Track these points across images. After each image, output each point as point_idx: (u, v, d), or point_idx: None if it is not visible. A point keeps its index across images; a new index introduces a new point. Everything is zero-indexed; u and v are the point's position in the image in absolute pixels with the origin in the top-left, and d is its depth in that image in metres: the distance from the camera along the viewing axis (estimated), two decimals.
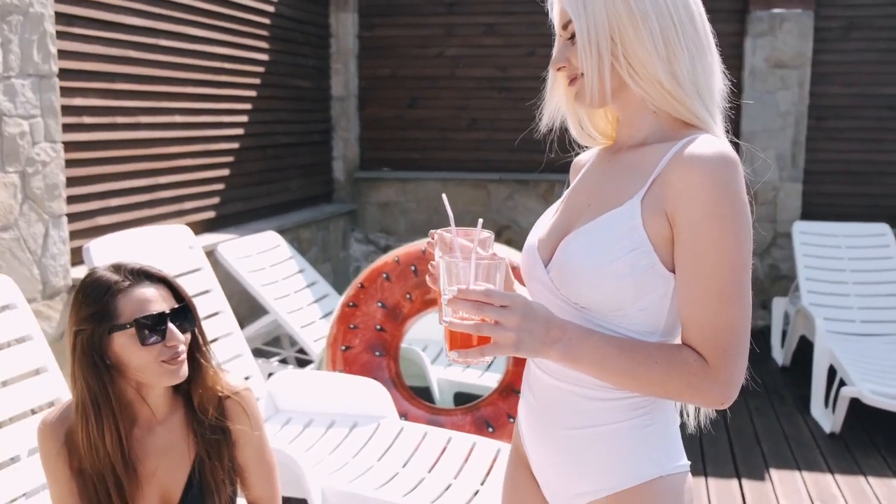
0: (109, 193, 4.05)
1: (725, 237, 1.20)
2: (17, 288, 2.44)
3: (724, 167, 1.21)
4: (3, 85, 3.21)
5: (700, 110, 1.29)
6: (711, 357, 1.22)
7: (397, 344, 3.81)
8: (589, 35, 1.27)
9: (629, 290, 1.25)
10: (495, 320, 1.15)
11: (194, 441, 1.78)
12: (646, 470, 1.33)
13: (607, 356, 1.22)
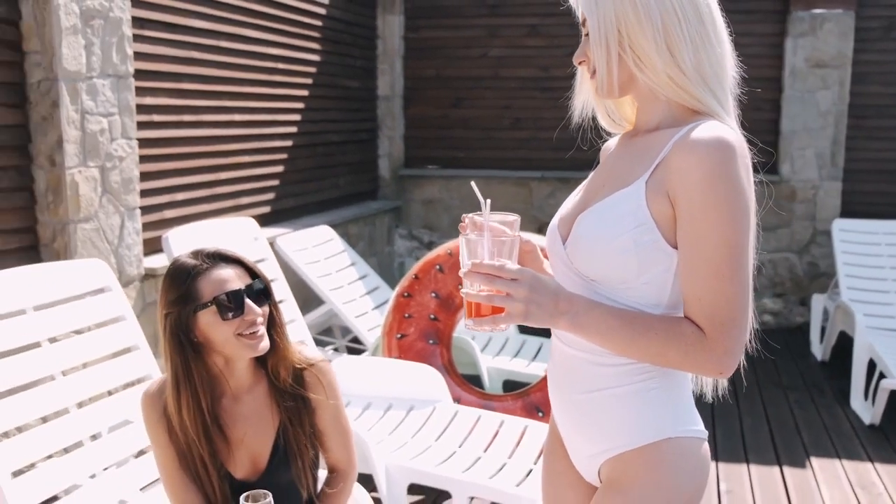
0: (175, 188, 4.26)
1: (721, 217, 1.28)
2: (111, 271, 2.64)
3: (720, 151, 1.29)
4: (86, 85, 3.42)
5: (706, 98, 1.37)
6: (709, 329, 1.30)
7: (450, 333, 3.97)
8: (599, 30, 1.36)
9: (633, 264, 1.35)
10: (506, 292, 1.28)
11: (277, 409, 1.95)
12: (651, 431, 1.41)
13: (611, 327, 1.32)
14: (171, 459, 1.90)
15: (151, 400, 1.92)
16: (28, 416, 2.23)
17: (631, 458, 1.43)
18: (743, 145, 1.33)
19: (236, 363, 1.91)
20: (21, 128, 3.33)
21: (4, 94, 3.25)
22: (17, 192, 3.34)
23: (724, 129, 1.33)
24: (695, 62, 1.35)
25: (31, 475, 2.17)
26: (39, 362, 2.33)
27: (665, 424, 1.42)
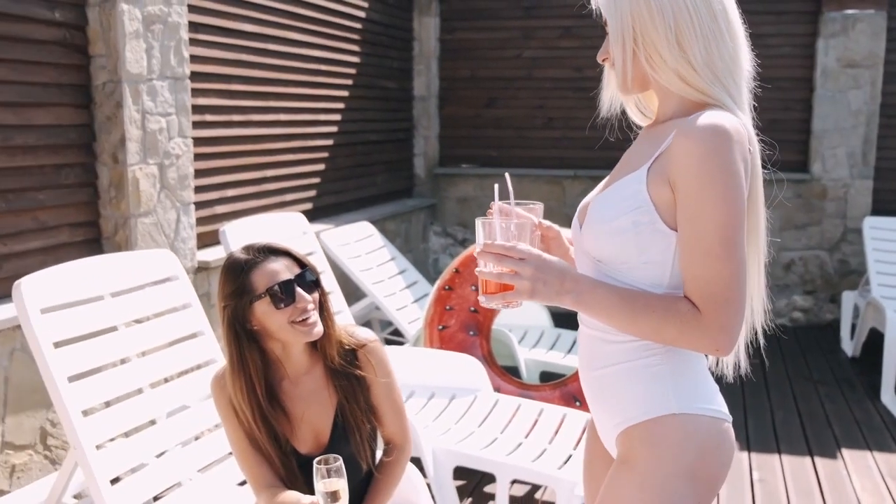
0: (225, 185, 4.44)
1: (714, 199, 1.34)
2: (178, 261, 2.81)
3: (715, 136, 1.35)
4: (147, 86, 3.61)
5: (716, 91, 1.43)
6: (703, 307, 1.37)
7: (489, 325, 4.12)
8: (616, 28, 1.45)
9: (632, 244, 1.43)
10: (514, 270, 1.38)
11: (334, 388, 2.10)
12: (655, 406, 1.46)
13: (612, 305, 1.40)
14: (241, 437, 2.05)
15: (219, 384, 2.07)
16: (107, 394, 2.41)
17: (636, 433, 1.48)
18: (741, 133, 1.38)
19: (292, 348, 2.05)
20: (86, 127, 3.52)
21: (72, 96, 3.44)
22: (82, 187, 3.53)
23: (724, 117, 1.38)
24: (706, 57, 1.41)
25: (110, 448, 2.34)
26: (117, 345, 2.51)
27: (668, 400, 1.46)
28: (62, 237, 3.43)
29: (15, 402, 3.08)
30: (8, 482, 3.07)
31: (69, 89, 3.43)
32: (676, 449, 1.44)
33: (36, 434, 3.19)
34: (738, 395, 4.82)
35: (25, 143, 3.22)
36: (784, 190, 6.41)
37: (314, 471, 1.76)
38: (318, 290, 2.05)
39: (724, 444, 1.49)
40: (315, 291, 2.04)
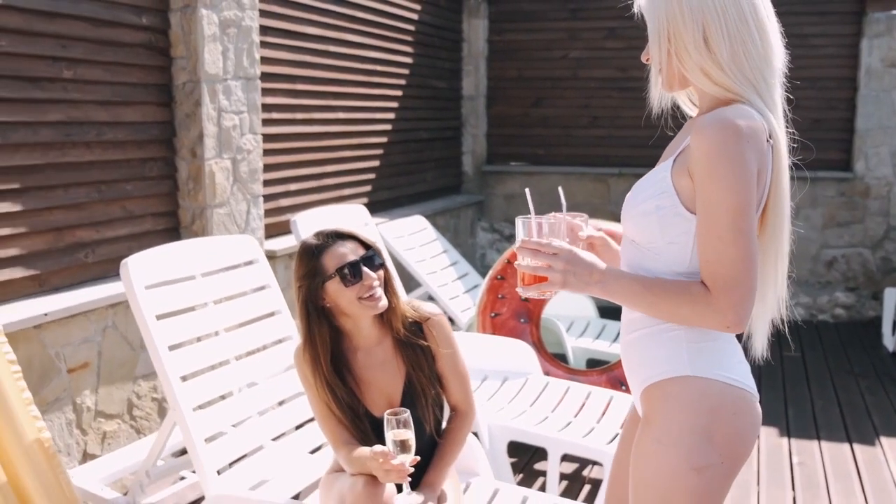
0: (288, 179, 4.70)
1: (721, 188, 1.46)
2: (258, 245, 3.06)
3: (724, 131, 1.46)
4: (222, 86, 3.88)
5: (743, 89, 1.53)
6: (713, 288, 1.49)
7: (539, 313, 4.32)
8: (653, 29, 1.57)
9: (655, 225, 1.57)
10: (548, 263, 1.56)
11: (402, 358, 2.33)
12: (673, 367, 1.59)
13: (634, 292, 1.55)
14: (319, 402, 2.28)
15: (299, 355, 2.31)
16: (198, 364, 2.66)
17: (654, 391, 1.61)
18: (755, 129, 1.48)
19: (362, 322, 2.28)
20: (167, 124, 3.80)
21: (155, 95, 3.72)
22: (163, 180, 3.81)
23: (739, 113, 1.49)
24: (733, 57, 1.52)
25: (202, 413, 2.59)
26: (206, 320, 2.76)
27: (683, 363, 1.58)
28: (146, 225, 3.71)
29: (106, 375, 3.37)
30: (100, 448, 3.36)
31: (153, 89, 3.71)
32: (689, 408, 1.56)
33: (124, 405, 3.48)
34: (778, 387, 4.96)
35: (115, 138, 3.50)
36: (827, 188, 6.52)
37: (385, 422, 1.99)
38: (382, 269, 2.28)
39: (743, 412, 1.59)
40: (380, 270, 2.27)
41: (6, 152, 3.04)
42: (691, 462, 1.54)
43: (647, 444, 1.59)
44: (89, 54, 3.33)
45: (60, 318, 3.12)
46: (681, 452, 1.55)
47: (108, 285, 3.41)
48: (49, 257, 3.25)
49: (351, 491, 2.11)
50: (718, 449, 1.55)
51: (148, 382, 3.60)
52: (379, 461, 1.97)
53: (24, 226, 3.12)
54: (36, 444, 2.41)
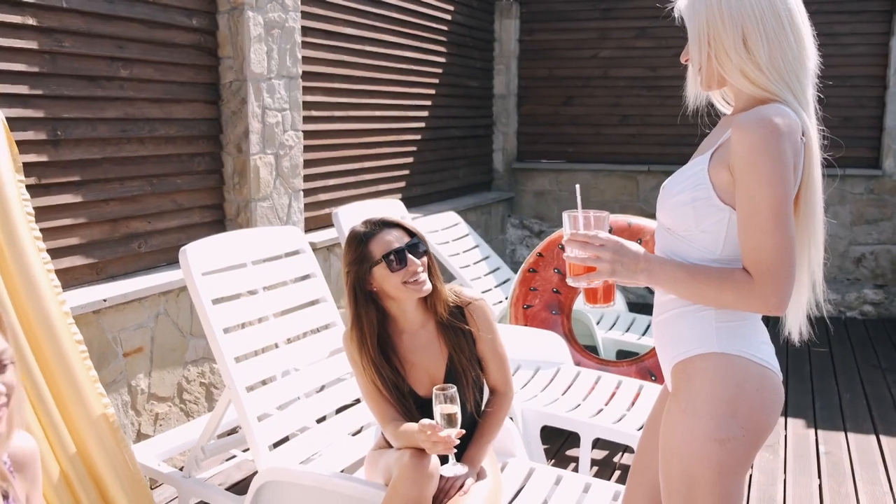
0: (327, 174, 4.86)
1: (762, 183, 1.56)
2: (304, 236, 3.21)
3: (764, 129, 1.56)
4: (266, 84, 4.04)
5: (779, 89, 1.63)
6: (755, 274, 1.59)
7: (570, 305, 4.44)
8: (694, 33, 1.67)
9: (690, 214, 1.68)
10: (596, 255, 1.67)
11: (444, 340, 2.46)
12: (698, 344, 1.70)
13: (679, 279, 1.65)
14: (367, 381, 2.43)
15: (347, 338, 2.45)
16: (250, 346, 2.81)
17: (683, 367, 1.72)
18: (792, 126, 1.59)
19: (406, 305, 2.42)
20: (214, 121, 3.97)
21: (203, 93, 3.89)
22: (210, 174, 3.98)
23: (776, 112, 1.59)
24: (770, 58, 1.63)
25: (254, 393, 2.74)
26: (257, 305, 2.92)
27: (711, 340, 1.69)
28: (194, 218, 3.88)
29: (159, 360, 3.54)
30: (152, 429, 3.53)
31: (201, 87, 3.87)
32: (715, 382, 1.66)
33: (174, 388, 3.65)
34: (806, 380, 5.04)
35: (167, 134, 3.67)
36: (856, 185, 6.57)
37: (434, 396, 2.12)
38: (426, 256, 2.42)
39: (766, 389, 1.68)
40: (423, 256, 2.40)
41: (68, 147, 3.21)
42: (715, 433, 1.65)
43: (675, 415, 1.71)
44: (143, 54, 3.50)
45: (117, 305, 3.29)
46: (705, 423, 1.65)
47: (160, 274, 3.58)
48: (106, 247, 3.42)
49: (398, 463, 2.25)
50: (741, 422, 1.65)
51: (196, 368, 3.77)
52: (427, 433, 2.10)
53: (83, 216, 3.30)
54: (102, 419, 2.57)
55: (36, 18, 3.03)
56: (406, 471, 2.20)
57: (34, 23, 3.02)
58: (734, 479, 1.67)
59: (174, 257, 3.77)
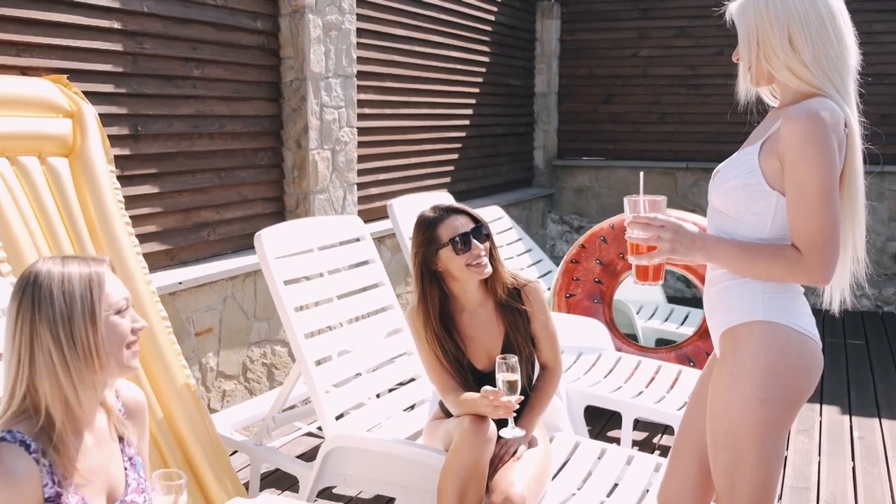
0: (378, 169, 5.09)
1: (810, 170, 1.74)
2: (363, 225, 3.44)
3: (811, 121, 1.74)
4: (324, 83, 4.28)
5: (823, 84, 1.81)
6: (805, 250, 1.77)
7: (611, 294, 4.62)
8: (744, 34, 1.86)
9: (742, 199, 1.85)
10: (657, 235, 1.86)
11: (502, 319, 2.67)
12: (744, 314, 1.87)
13: (733, 255, 1.84)
14: (429, 353, 2.64)
15: (412, 314, 2.67)
16: (316, 325, 3.04)
17: (730, 334, 1.89)
18: (836, 117, 1.76)
19: (468, 286, 2.63)
20: (276, 118, 4.21)
21: (266, 91, 4.14)
22: (271, 168, 4.22)
23: (822, 106, 1.76)
24: (814, 56, 1.81)
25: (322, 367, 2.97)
26: (323, 288, 3.15)
27: (756, 309, 1.86)
28: (257, 209, 4.13)
29: (226, 340, 3.79)
30: (220, 404, 3.78)
31: (265, 86, 4.13)
32: (759, 348, 1.84)
33: (239, 367, 3.90)
34: (842, 371, 5.16)
35: (234, 130, 3.92)
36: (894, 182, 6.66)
37: (497, 365, 2.33)
38: (488, 240, 2.63)
39: (806, 355, 1.85)
40: (486, 241, 2.61)
41: (147, 141, 3.48)
42: (757, 393, 1.83)
43: (722, 377, 1.90)
44: (214, 55, 3.76)
45: (190, 288, 3.55)
46: (749, 384, 1.84)
47: (227, 261, 3.83)
48: (179, 234, 3.68)
49: (458, 428, 2.46)
50: (782, 383, 1.84)
51: (259, 349, 4.02)
52: (490, 398, 2.32)
53: (159, 206, 3.56)
54: (185, 389, 2.82)
55: (121, 22, 3.29)
56: (466, 435, 2.41)
57: (119, 26, 3.29)
58: (775, 437, 1.86)
59: (239, 245, 4.02)
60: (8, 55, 2.87)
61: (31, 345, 1.54)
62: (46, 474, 1.52)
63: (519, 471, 2.44)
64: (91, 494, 1.59)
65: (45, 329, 1.53)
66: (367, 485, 2.86)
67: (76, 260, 1.60)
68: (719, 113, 6.66)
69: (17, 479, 1.47)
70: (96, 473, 1.62)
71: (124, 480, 1.68)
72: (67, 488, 1.54)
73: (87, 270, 1.58)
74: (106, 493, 1.64)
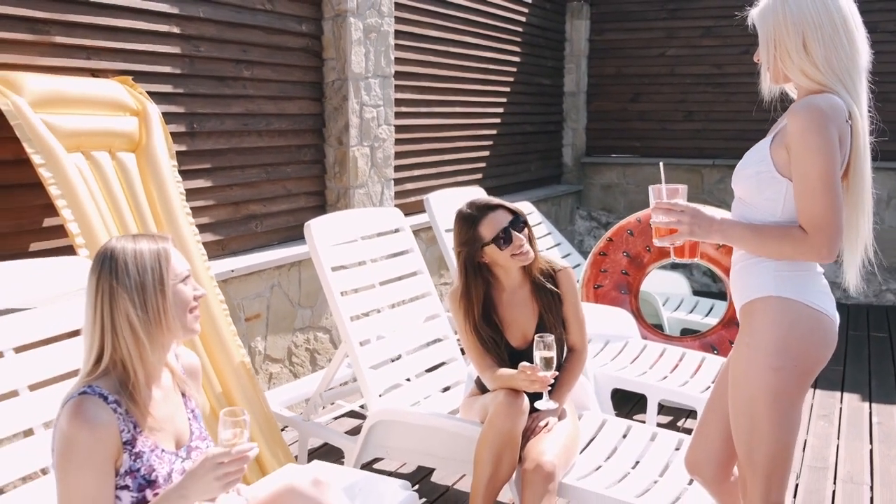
0: (413, 166, 5.31)
1: (811, 157, 1.91)
2: (403, 216, 3.66)
3: (811, 113, 1.92)
4: (364, 83, 4.50)
5: (830, 82, 1.99)
6: (809, 229, 1.95)
7: (638, 286, 4.81)
8: (763, 37, 2.06)
9: (755, 186, 2.04)
10: (677, 219, 2.07)
11: (537, 300, 2.87)
12: (759, 290, 2.05)
13: (746, 236, 2.03)
14: (471, 336, 2.85)
15: (454, 297, 2.88)
16: (360, 308, 3.27)
17: (747, 309, 2.08)
18: (836, 110, 1.94)
19: (511, 271, 2.84)
20: (318, 116, 4.45)
21: (309, 91, 4.37)
22: (314, 164, 4.46)
23: (824, 99, 1.94)
24: (825, 59, 1.99)
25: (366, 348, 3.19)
26: (365, 275, 3.37)
27: (769, 286, 2.04)
28: (300, 202, 4.37)
29: (273, 326, 4.03)
30: (266, 386, 4.02)
31: (308, 86, 4.36)
32: (772, 321, 2.02)
33: (285, 351, 4.14)
34: (864, 361, 5.30)
35: (280, 127, 4.16)
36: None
37: (535, 343, 2.54)
38: (526, 227, 2.83)
39: (819, 330, 2.02)
40: (524, 229, 2.82)
41: (201, 138, 3.72)
42: (771, 362, 2.02)
43: (741, 348, 2.10)
44: (262, 57, 4.00)
45: (241, 276, 3.79)
46: (763, 355, 2.03)
47: (274, 251, 4.07)
48: (229, 226, 3.92)
49: (493, 401, 2.67)
50: (793, 354, 2.02)
51: (303, 335, 4.25)
52: (527, 373, 2.53)
53: (212, 199, 3.80)
54: (241, 366, 3.06)
55: (179, 27, 3.54)
56: (501, 407, 2.62)
57: (178, 31, 3.53)
58: (789, 403, 2.04)
59: (284, 237, 4.26)
60: (79, 58, 3.12)
61: (111, 311, 1.76)
62: (123, 422, 1.74)
63: (550, 441, 2.65)
64: (162, 439, 1.82)
65: (123, 297, 1.75)
66: (408, 456, 3.07)
67: (145, 237, 1.83)
68: (744, 111, 6.80)
69: (97, 425, 1.69)
70: (165, 422, 1.85)
71: (189, 429, 1.91)
72: (141, 433, 1.77)
73: (155, 246, 1.81)
74: (174, 439, 1.87)
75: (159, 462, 1.79)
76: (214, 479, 1.71)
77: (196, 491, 1.73)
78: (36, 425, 2.05)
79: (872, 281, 6.87)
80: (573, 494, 2.68)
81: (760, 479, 2.08)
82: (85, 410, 1.70)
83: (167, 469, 1.81)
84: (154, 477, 1.78)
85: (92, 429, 1.69)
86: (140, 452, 1.76)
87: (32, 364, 2.09)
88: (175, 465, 1.83)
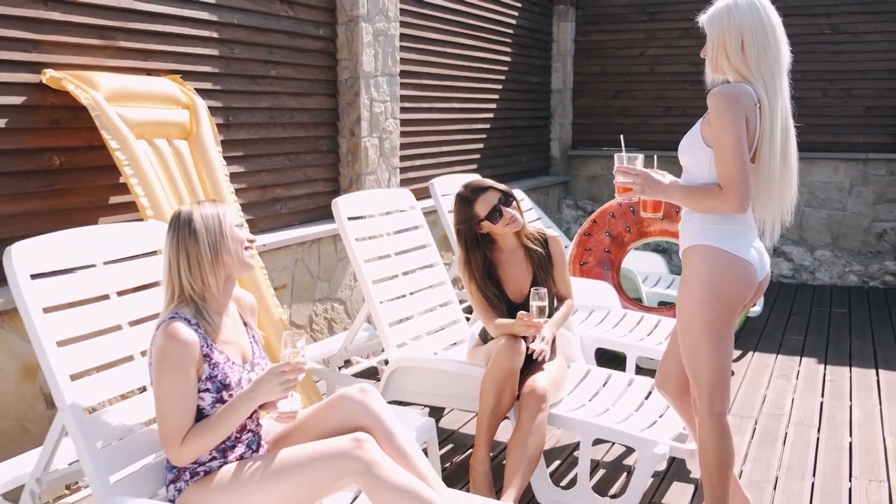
0: (415, 156, 5.84)
1: (722, 130, 2.40)
2: (413, 197, 4.19)
3: (720, 97, 2.41)
4: (373, 81, 5.03)
5: (753, 77, 2.48)
6: (724, 187, 2.44)
7: (619, 262, 5.35)
8: (709, 38, 2.55)
9: (690, 154, 2.57)
10: (633, 180, 2.59)
11: (530, 260, 3.41)
12: (691, 239, 2.57)
13: (681, 194, 2.55)
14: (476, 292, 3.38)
15: (459, 265, 3.42)
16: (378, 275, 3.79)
17: (685, 255, 2.60)
18: (744, 95, 2.43)
19: (506, 236, 3.38)
20: (333, 111, 4.97)
21: (325, 88, 4.89)
22: (329, 153, 4.98)
23: (733, 86, 2.46)
24: (756, 59, 2.50)
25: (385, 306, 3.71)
26: (382, 247, 3.90)
27: (697, 235, 2.55)
28: (318, 188, 4.89)
29: (297, 296, 4.55)
30: None
31: (324, 84, 4.88)
32: (700, 264, 2.54)
33: (307, 319, 4.66)
34: (823, 332, 5.86)
35: (301, 120, 4.68)
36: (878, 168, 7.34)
37: (531, 294, 3.08)
38: (514, 201, 3.36)
39: (738, 271, 2.51)
40: (513, 202, 3.35)
41: (235, 129, 4.24)
42: (698, 297, 2.54)
43: (681, 288, 2.65)
44: (286, 58, 4.52)
45: (270, 250, 4.30)
46: (693, 291, 2.56)
47: (296, 230, 4.59)
48: (258, 207, 4.44)
49: (496, 344, 3.20)
50: (716, 290, 2.51)
51: (322, 305, 4.77)
52: (524, 320, 3.06)
53: (244, 183, 4.32)
54: (279, 321, 3.58)
55: (217, 32, 4.05)
56: (503, 349, 3.15)
57: (216, 36, 4.05)
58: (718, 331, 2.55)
59: (304, 218, 4.78)
60: (138, 59, 3.63)
61: (186, 255, 2.25)
62: (202, 339, 2.24)
63: (542, 374, 3.19)
64: (232, 354, 2.32)
65: (194, 243, 2.25)
66: (422, 398, 3.60)
67: (207, 201, 2.34)
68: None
69: (184, 340, 2.18)
70: (234, 342, 2.35)
71: (252, 350, 2.42)
72: (216, 349, 2.27)
73: (214, 207, 2.32)
74: (241, 355, 2.36)
75: (231, 371, 2.29)
76: (277, 383, 2.20)
77: (262, 392, 2.22)
78: (135, 353, 2.56)
79: (836, 263, 7.45)
80: (564, 423, 3.21)
81: (705, 394, 2.61)
82: (175, 330, 2.19)
83: (237, 377, 2.30)
84: (227, 382, 2.27)
85: (181, 343, 2.18)
86: (216, 363, 2.26)
87: (131, 305, 2.60)
88: (243, 374, 2.33)
